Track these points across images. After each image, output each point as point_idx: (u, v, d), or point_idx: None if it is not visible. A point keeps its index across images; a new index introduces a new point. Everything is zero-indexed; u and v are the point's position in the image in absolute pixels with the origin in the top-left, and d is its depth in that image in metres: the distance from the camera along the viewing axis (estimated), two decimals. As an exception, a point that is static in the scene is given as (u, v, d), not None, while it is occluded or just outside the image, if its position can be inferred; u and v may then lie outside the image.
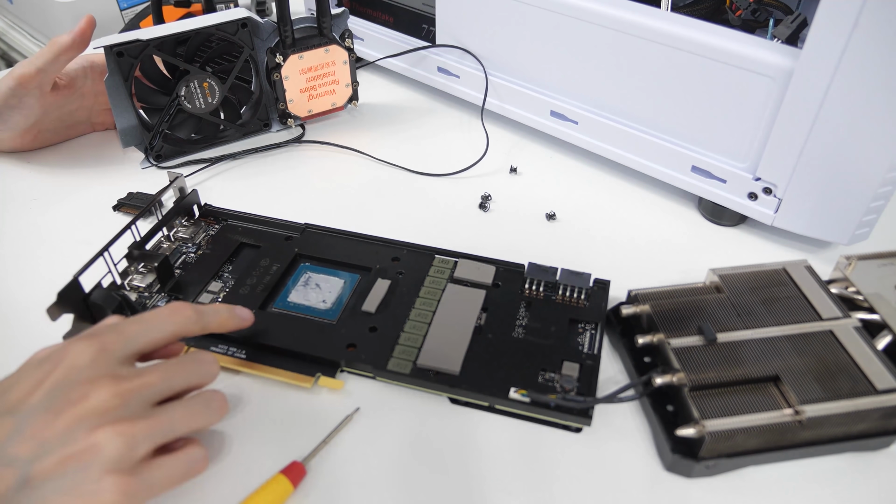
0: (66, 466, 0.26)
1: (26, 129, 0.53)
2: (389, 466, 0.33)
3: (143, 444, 0.28)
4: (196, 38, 0.52)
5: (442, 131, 0.59)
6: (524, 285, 0.41)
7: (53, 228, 0.48)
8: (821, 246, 0.47)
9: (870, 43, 0.37)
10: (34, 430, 0.27)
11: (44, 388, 0.28)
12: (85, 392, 0.28)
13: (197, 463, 0.30)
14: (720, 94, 0.44)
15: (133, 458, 0.27)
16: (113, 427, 0.27)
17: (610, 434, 0.35)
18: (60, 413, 0.27)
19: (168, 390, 0.30)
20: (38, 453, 0.26)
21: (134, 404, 0.28)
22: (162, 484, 0.28)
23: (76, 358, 0.29)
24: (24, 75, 0.49)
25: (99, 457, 0.26)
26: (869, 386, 0.33)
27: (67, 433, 0.27)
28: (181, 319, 0.32)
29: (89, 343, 0.29)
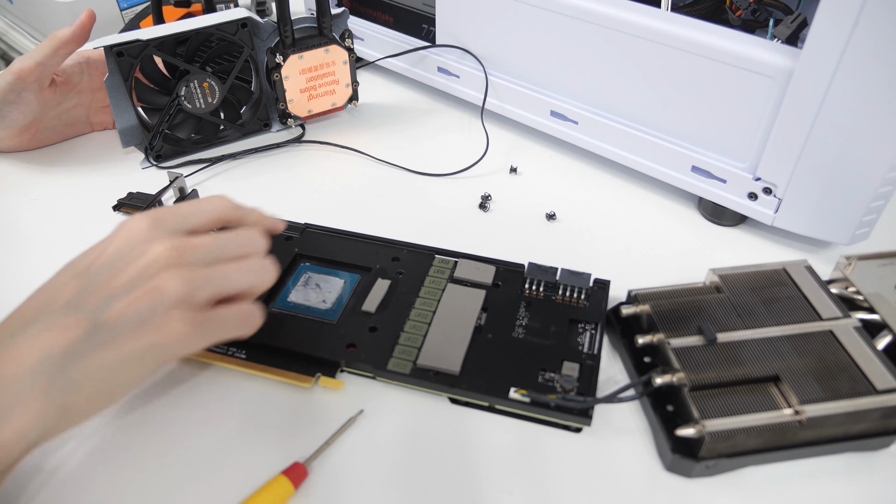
0: (133, 306, 0.28)
1: (24, 127, 0.53)
2: (389, 466, 0.33)
3: (202, 288, 0.30)
4: (196, 38, 0.52)
5: (442, 131, 0.59)
6: (524, 285, 0.41)
7: (53, 228, 0.48)
8: (821, 246, 0.47)
9: (870, 43, 0.37)
10: (100, 284, 0.29)
11: (106, 254, 0.31)
12: (144, 249, 0.30)
13: (252, 316, 0.32)
14: (720, 94, 0.44)
15: (196, 299, 0.30)
16: (173, 271, 0.29)
17: (610, 434, 0.35)
18: (123, 269, 0.30)
19: (219, 254, 0.32)
20: (107, 300, 0.29)
21: (190, 258, 0.30)
22: (222, 327, 0.30)
23: (133, 226, 0.31)
24: (23, 69, 0.49)
25: (164, 295, 0.29)
26: (869, 386, 0.33)
27: (132, 281, 0.29)
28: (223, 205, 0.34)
29: (144, 216, 0.32)
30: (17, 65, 0.49)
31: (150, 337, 0.28)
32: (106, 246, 0.31)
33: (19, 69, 0.49)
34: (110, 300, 0.29)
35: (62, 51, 0.50)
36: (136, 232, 0.31)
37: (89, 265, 0.30)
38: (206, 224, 0.33)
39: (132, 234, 0.31)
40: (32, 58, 0.49)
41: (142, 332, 0.28)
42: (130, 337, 0.28)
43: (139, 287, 0.29)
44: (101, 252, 0.31)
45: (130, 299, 0.29)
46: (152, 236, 0.30)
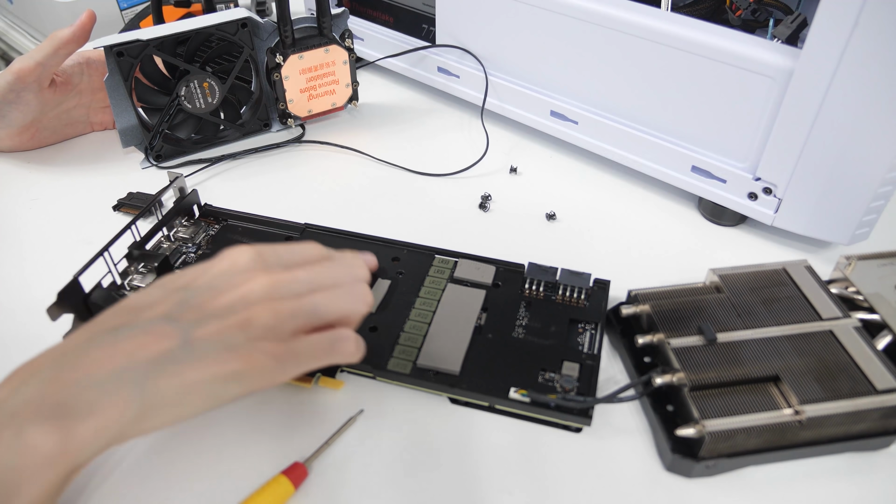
0: (223, 333, 0.29)
1: (24, 127, 0.53)
2: (389, 466, 0.33)
3: (290, 320, 0.30)
4: (196, 38, 0.52)
5: (442, 131, 0.59)
6: (524, 285, 0.41)
7: (53, 228, 0.48)
8: (821, 246, 0.47)
9: (870, 43, 0.37)
10: (199, 302, 0.30)
11: (209, 274, 0.32)
12: (246, 279, 0.31)
13: (342, 342, 0.32)
14: (720, 94, 0.44)
15: (281, 332, 0.30)
16: (264, 305, 0.30)
17: (610, 434, 0.35)
18: (223, 292, 0.31)
19: (316, 284, 0.32)
20: (200, 320, 0.29)
21: (285, 291, 0.31)
22: (309, 355, 0.31)
23: (237, 257, 0.32)
24: (22, 69, 0.49)
25: (251, 327, 0.30)
26: (869, 386, 0.33)
27: (227, 307, 0.30)
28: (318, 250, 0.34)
29: (249, 249, 0.33)
30: (16, 65, 0.49)
31: (234, 364, 0.29)
32: (210, 267, 0.32)
33: (19, 69, 0.49)
34: (205, 320, 0.29)
35: (62, 51, 0.50)
36: (241, 261, 0.32)
37: (191, 281, 0.31)
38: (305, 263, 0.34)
39: (237, 262, 0.32)
40: (32, 58, 0.49)
41: (228, 358, 0.29)
42: (217, 360, 0.28)
43: (234, 314, 0.30)
44: (204, 272, 0.32)
45: (224, 325, 0.29)
46: (254, 267, 0.32)
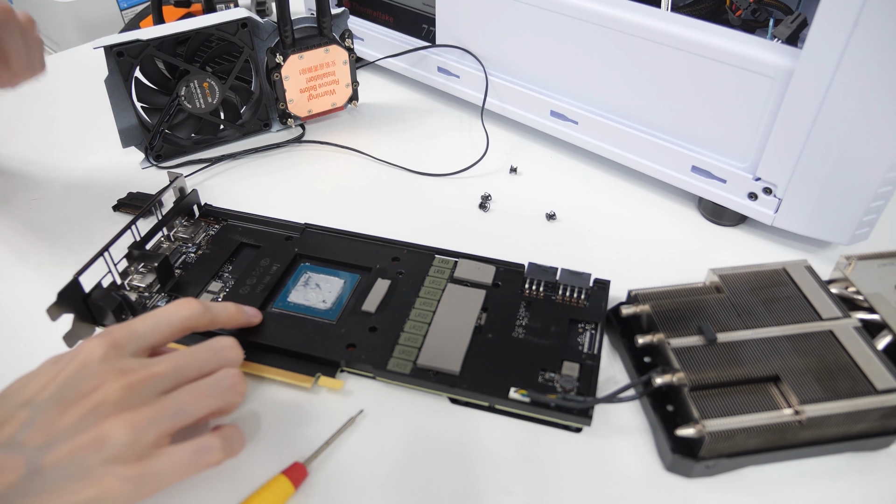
0: (73, 455, 0.27)
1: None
2: (389, 466, 0.33)
3: (149, 430, 0.28)
4: (196, 38, 0.52)
5: (442, 131, 0.59)
6: (524, 285, 0.41)
7: (53, 228, 0.48)
8: (821, 246, 0.47)
9: (870, 43, 0.37)
10: (45, 420, 0.28)
11: (56, 382, 0.29)
12: (95, 385, 0.29)
13: (208, 453, 0.30)
14: (720, 95, 0.44)
15: (140, 446, 0.28)
16: (119, 416, 0.28)
17: (610, 434, 0.35)
18: (71, 405, 0.28)
19: (179, 378, 0.31)
20: (48, 443, 0.27)
21: (142, 394, 0.29)
22: (168, 472, 0.28)
23: (88, 354, 0.30)
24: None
25: (105, 446, 0.27)
26: (869, 386, 0.33)
27: (77, 424, 0.28)
28: (188, 312, 0.33)
29: (100, 341, 0.30)
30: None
31: (85, 492, 0.27)
32: (58, 371, 0.29)
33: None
34: (52, 441, 0.27)
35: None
36: (90, 361, 0.29)
37: (38, 393, 0.29)
38: (170, 338, 0.32)
39: (86, 363, 0.29)
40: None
41: (78, 487, 0.27)
42: (66, 491, 0.26)
43: (83, 432, 0.27)
44: (52, 378, 0.29)
45: (72, 447, 0.27)
46: (105, 368, 0.29)
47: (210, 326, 0.35)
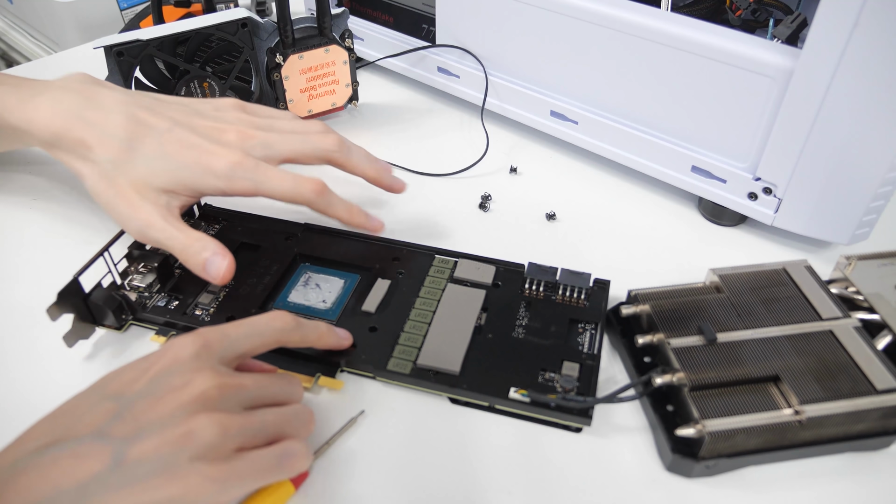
0: (160, 450, 0.27)
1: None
2: (389, 466, 0.33)
3: (236, 436, 0.28)
4: (196, 38, 0.52)
5: (442, 131, 0.59)
6: (524, 285, 0.41)
7: (53, 228, 0.48)
8: (821, 246, 0.47)
9: (870, 43, 0.37)
10: (135, 413, 0.28)
11: (147, 376, 0.29)
12: (187, 381, 0.29)
13: (292, 458, 0.30)
14: (720, 94, 0.44)
15: (225, 449, 0.28)
16: (210, 415, 0.28)
17: (610, 434, 0.35)
18: (161, 399, 0.28)
19: (260, 397, 0.31)
20: (136, 435, 0.27)
21: (231, 400, 0.29)
22: (251, 474, 0.29)
23: (180, 351, 0.30)
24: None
25: (193, 443, 0.27)
26: (869, 386, 0.33)
27: (166, 418, 0.27)
28: (282, 326, 0.33)
29: (194, 339, 0.30)
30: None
31: (168, 489, 0.26)
32: (149, 366, 0.30)
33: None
34: (140, 434, 0.27)
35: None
36: (182, 358, 0.30)
37: (127, 387, 0.29)
38: (260, 349, 0.33)
39: (177, 360, 0.30)
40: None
41: (161, 483, 0.26)
42: (149, 485, 0.26)
43: (172, 427, 0.27)
44: (142, 372, 0.29)
45: (160, 441, 0.27)
46: (197, 366, 0.29)
47: (300, 343, 0.35)
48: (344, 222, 0.41)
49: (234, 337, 0.32)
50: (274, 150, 0.40)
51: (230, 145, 0.39)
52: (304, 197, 0.39)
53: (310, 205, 0.40)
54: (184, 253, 0.38)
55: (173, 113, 0.41)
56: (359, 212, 0.42)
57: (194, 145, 0.39)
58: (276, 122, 0.43)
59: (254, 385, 0.31)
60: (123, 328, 0.40)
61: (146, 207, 0.38)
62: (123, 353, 0.39)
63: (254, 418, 0.29)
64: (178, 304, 0.40)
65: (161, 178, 0.38)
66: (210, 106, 0.43)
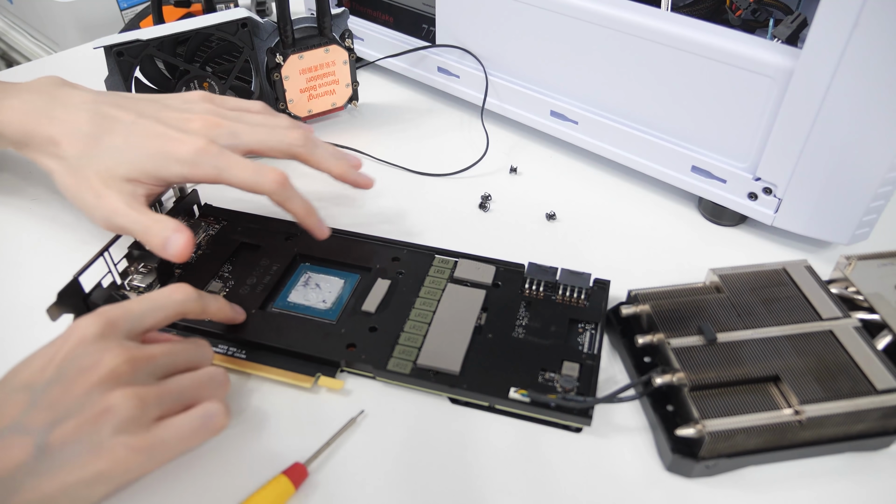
0: (81, 430, 0.27)
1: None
2: (389, 466, 0.33)
3: (154, 407, 0.29)
4: (196, 38, 0.52)
5: (442, 131, 0.59)
6: (524, 285, 0.41)
7: (53, 228, 0.48)
8: (821, 246, 0.47)
9: (870, 43, 0.37)
10: (49, 400, 0.28)
11: (55, 362, 0.29)
12: (96, 360, 0.29)
13: (213, 417, 0.31)
14: (720, 94, 0.44)
15: (145, 419, 0.28)
16: (125, 389, 0.28)
17: (610, 434, 0.35)
18: (73, 382, 0.28)
19: (171, 365, 0.32)
20: (53, 421, 0.27)
21: (143, 372, 0.30)
22: (176, 440, 0.29)
23: (84, 331, 0.30)
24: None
25: (113, 418, 0.28)
26: (869, 386, 0.33)
27: (81, 399, 0.28)
28: (182, 297, 0.34)
29: (97, 318, 0.31)
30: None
31: (95, 465, 0.27)
32: (55, 352, 0.29)
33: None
34: (58, 419, 0.27)
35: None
36: (87, 338, 0.30)
37: (36, 376, 0.29)
38: (163, 322, 0.33)
39: (83, 341, 0.29)
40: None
41: (87, 461, 0.27)
42: (76, 465, 0.27)
43: (88, 407, 0.28)
44: (49, 359, 0.29)
45: (78, 422, 0.27)
46: (104, 345, 0.29)
47: (200, 315, 0.35)
48: (297, 220, 0.41)
49: (138, 312, 0.32)
50: (239, 140, 0.41)
51: (195, 133, 0.40)
52: (265, 187, 0.39)
53: (270, 195, 0.40)
54: (146, 234, 0.38)
55: (140, 106, 0.41)
56: (314, 213, 0.41)
57: (159, 134, 0.39)
58: (243, 114, 0.43)
59: (163, 354, 0.31)
60: (123, 328, 0.40)
61: (111, 196, 0.38)
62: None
63: (169, 385, 0.30)
64: (178, 304, 0.40)
65: (125, 167, 0.39)
66: (179, 99, 0.43)
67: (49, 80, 0.44)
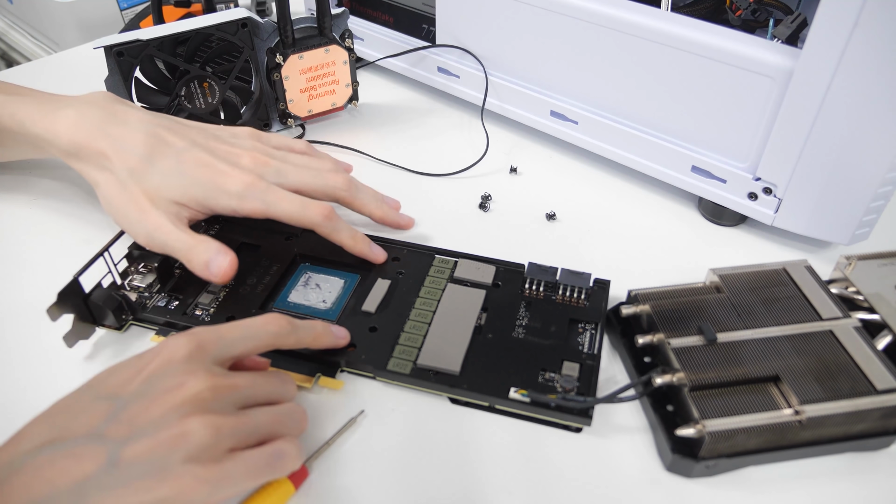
0: (154, 451, 0.27)
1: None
2: (389, 466, 0.33)
3: (229, 438, 0.29)
4: (196, 38, 0.52)
5: (442, 131, 0.59)
6: (524, 285, 0.41)
7: (53, 228, 0.48)
8: (821, 246, 0.47)
9: (870, 43, 0.37)
10: (130, 414, 0.28)
11: (142, 376, 0.29)
12: (181, 382, 0.29)
13: (283, 458, 0.30)
14: (720, 94, 0.44)
15: (217, 450, 0.28)
16: (203, 417, 0.28)
17: (610, 434, 0.35)
18: (155, 400, 0.28)
19: (253, 397, 0.31)
20: (130, 436, 0.27)
21: (224, 401, 0.30)
22: (243, 475, 0.29)
23: (174, 351, 0.30)
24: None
25: (186, 444, 0.27)
26: (869, 386, 0.33)
27: (159, 420, 0.28)
28: (276, 330, 0.34)
29: (188, 340, 0.31)
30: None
31: (160, 490, 0.26)
32: (143, 366, 0.30)
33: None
34: (134, 435, 0.27)
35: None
36: (176, 358, 0.30)
37: (121, 387, 0.29)
38: (254, 351, 0.33)
39: (172, 360, 0.30)
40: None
41: (154, 484, 0.26)
42: (142, 486, 0.26)
43: (165, 428, 0.27)
44: (136, 372, 0.30)
45: (153, 442, 0.27)
46: (191, 368, 0.29)
47: (296, 346, 0.35)
48: (347, 249, 0.43)
49: (229, 339, 0.32)
50: (286, 179, 0.42)
51: (244, 168, 0.42)
52: (312, 221, 0.41)
53: (316, 228, 0.42)
54: (188, 253, 0.39)
55: (192, 135, 0.43)
56: (362, 239, 0.43)
57: (210, 165, 0.41)
58: (289, 155, 0.45)
59: (247, 385, 0.31)
60: (123, 328, 0.40)
61: (156, 213, 0.39)
62: (123, 354, 0.39)
63: (247, 419, 0.30)
64: (178, 304, 0.40)
65: (174, 190, 0.40)
66: (228, 132, 0.45)
67: (104, 95, 0.44)
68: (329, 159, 0.47)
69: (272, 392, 0.32)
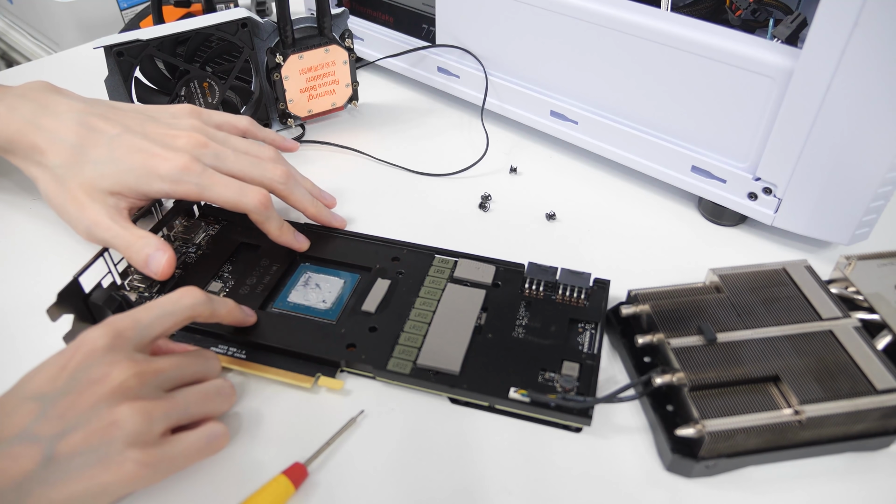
0: (89, 442, 0.28)
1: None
2: (389, 466, 0.33)
3: (161, 421, 0.29)
4: (196, 38, 0.52)
5: (442, 131, 0.59)
6: (524, 285, 0.41)
7: (54, 228, 0.48)
8: (821, 246, 0.47)
9: (870, 43, 0.37)
10: (59, 410, 0.28)
11: (66, 372, 0.30)
12: (105, 373, 0.29)
13: (217, 438, 0.32)
14: (720, 94, 0.44)
15: (152, 434, 0.29)
16: (132, 404, 0.29)
17: (610, 434, 0.35)
18: (82, 394, 0.29)
19: (179, 378, 0.32)
20: (62, 431, 0.28)
21: (150, 386, 0.30)
22: (182, 457, 0.30)
23: (94, 344, 0.30)
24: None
25: (120, 432, 0.28)
26: (869, 386, 0.33)
27: (89, 411, 0.28)
28: (192, 301, 0.34)
29: (105, 330, 0.31)
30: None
31: (102, 477, 0.27)
32: (65, 362, 0.30)
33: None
34: (66, 429, 0.28)
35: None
36: (97, 349, 0.30)
37: (47, 385, 0.29)
38: (172, 328, 0.33)
39: (93, 353, 0.30)
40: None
41: (94, 472, 0.27)
42: (83, 476, 0.27)
43: (96, 419, 0.28)
44: (60, 369, 0.30)
45: (86, 433, 0.28)
46: (112, 358, 0.30)
47: (210, 318, 0.35)
48: (272, 238, 0.42)
49: (146, 321, 0.32)
50: (223, 164, 0.42)
51: (179, 150, 0.41)
52: (248, 207, 0.41)
53: (250, 214, 0.41)
54: (128, 250, 0.39)
55: (127, 119, 0.42)
56: (288, 229, 0.43)
57: (142, 149, 0.40)
58: (230, 138, 0.44)
59: (171, 367, 0.32)
60: (123, 328, 0.40)
61: (94, 208, 0.39)
62: (123, 353, 0.39)
63: (176, 400, 0.30)
64: (178, 304, 0.40)
65: (108, 179, 0.40)
66: (167, 113, 0.44)
67: (38, 84, 0.44)
68: (269, 148, 0.45)
69: (197, 371, 0.33)
